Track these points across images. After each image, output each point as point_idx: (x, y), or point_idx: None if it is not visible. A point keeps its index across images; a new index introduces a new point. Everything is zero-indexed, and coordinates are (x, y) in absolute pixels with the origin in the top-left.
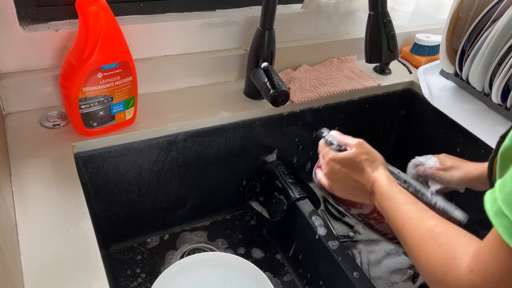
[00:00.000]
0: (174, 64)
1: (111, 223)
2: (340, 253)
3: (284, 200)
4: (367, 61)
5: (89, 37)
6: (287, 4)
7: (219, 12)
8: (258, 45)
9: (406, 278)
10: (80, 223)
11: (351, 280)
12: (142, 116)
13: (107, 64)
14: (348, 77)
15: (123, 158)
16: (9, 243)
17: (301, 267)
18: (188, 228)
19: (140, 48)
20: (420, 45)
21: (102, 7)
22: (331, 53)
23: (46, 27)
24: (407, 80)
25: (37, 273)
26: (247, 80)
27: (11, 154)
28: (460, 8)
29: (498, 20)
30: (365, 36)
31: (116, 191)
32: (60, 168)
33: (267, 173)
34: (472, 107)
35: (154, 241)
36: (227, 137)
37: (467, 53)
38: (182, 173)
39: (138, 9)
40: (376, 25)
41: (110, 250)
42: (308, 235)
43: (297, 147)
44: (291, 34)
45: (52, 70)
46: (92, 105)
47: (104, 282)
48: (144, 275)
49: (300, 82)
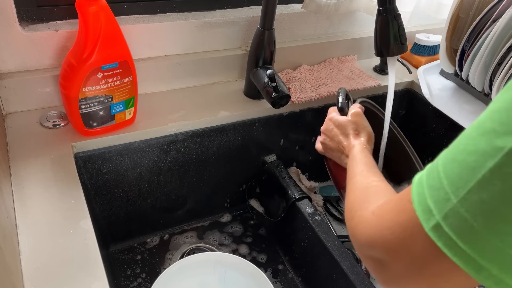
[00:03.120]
0: (174, 64)
1: (111, 223)
2: (340, 253)
3: (284, 200)
4: (377, 54)
5: (89, 37)
6: (287, 4)
7: (219, 12)
8: (258, 45)
9: None
10: (80, 223)
11: (351, 280)
12: (142, 116)
13: (107, 64)
14: (348, 77)
15: (123, 158)
16: (9, 243)
17: (301, 267)
18: (188, 228)
19: (140, 48)
20: (420, 45)
21: (102, 7)
22: (331, 53)
23: (46, 27)
24: (407, 80)
25: (37, 273)
26: (247, 80)
27: (11, 154)
28: (460, 8)
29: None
30: (374, 30)
31: (116, 191)
32: (60, 168)
33: (267, 173)
34: (472, 107)
35: (154, 241)
36: (227, 137)
37: (467, 53)
38: (182, 173)
39: (138, 9)
40: (386, 19)
41: (110, 250)
42: (308, 235)
43: (297, 147)
44: (291, 34)
45: (52, 70)
46: (92, 105)
47: (104, 282)
48: (144, 275)
49: (300, 82)
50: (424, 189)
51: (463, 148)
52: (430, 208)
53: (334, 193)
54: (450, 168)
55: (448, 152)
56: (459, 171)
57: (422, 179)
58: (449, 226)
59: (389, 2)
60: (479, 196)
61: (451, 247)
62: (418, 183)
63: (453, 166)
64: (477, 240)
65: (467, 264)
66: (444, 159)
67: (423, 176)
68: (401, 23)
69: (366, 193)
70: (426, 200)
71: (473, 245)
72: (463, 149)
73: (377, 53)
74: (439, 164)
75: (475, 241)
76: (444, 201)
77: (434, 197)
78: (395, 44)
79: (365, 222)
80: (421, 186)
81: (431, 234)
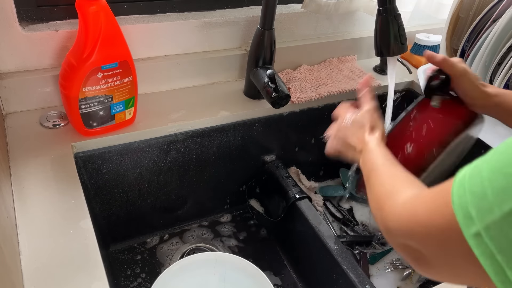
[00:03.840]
0: (174, 64)
1: (111, 223)
2: (340, 253)
3: (284, 200)
4: (377, 54)
5: (89, 37)
6: (287, 4)
7: (219, 12)
8: (258, 45)
9: (406, 278)
10: (80, 223)
11: (351, 280)
12: (142, 116)
13: (107, 64)
14: (348, 77)
15: (123, 158)
16: (9, 243)
17: (301, 267)
18: (188, 228)
19: (140, 48)
20: (420, 45)
21: (102, 7)
22: (331, 53)
23: (46, 27)
24: (407, 80)
25: (37, 273)
26: (247, 80)
27: (11, 154)
28: (460, 8)
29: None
30: (374, 30)
31: (116, 191)
32: (60, 168)
33: (267, 173)
34: None
35: (154, 241)
36: (227, 137)
37: (467, 53)
38: (182, 173)
39: (138, 9)
40: (386, 19)
41: (110, 250)
42: (308, 235)
43: (297, 147)
44: (291, 34)
45: (52, 70)
46: (92, 105)
47: (104, 282)
48: (144, 275)
49: (300, 82)
50: (467, 194)
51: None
52: (471, 215)
53: (334, 193)
54: (496, 179)
55: (494, 160)
56: (506, 184)
57: (464, 182)
58: (489, 237)
59: (389, 2)
60: None
61: (487, 257)
62: (459, 185)
63: (500, 177)
64: None
65: (497, 275)
66: (491, 167)
67: (466, 179)
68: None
69: (393, 182)
70: (468, 206)
71: (509, 261)
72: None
73: (377, 53)
74: (484, 170)
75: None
76: (487, 212)
77: (476, 205)
78: (395, 44)
79: (396, 214)
80: (463, 190)
81: (470, 242)
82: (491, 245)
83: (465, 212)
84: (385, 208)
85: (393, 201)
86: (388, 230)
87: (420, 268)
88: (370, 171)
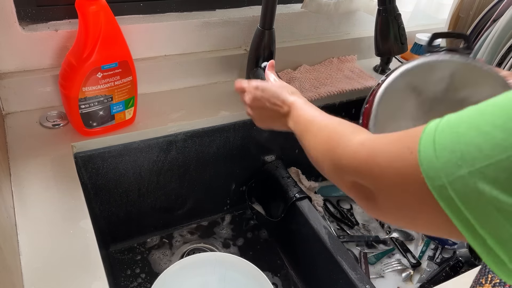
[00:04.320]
0: (174, 64)
1: (111, 223)
2: (340, 253)
3: (284, 200)
4: (377, 54)
5: (89, 37)
6: (287, 4)
7: (219, 12)
8: (258, 45)
9: (406, 278)
10: (80, 223)
11: (351, 280)
12: (142, 116)
13: (107, 64)
14: (348, 77)
15: (123, 158)
16: (9, 243)
17: (301, 267)
18: (188, 228)
19: (140, 48)
20: (420, 45)
21: (102, 6)
22: (331, 53)
23: (46, 27)
24: None
25: (37, 273)
26: None
27: (11, 154)
28: (460, 8)
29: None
30: (375, 30)
31: (116, 191)
32: (60, 168)
33: (267, 173)
34: None
35: (154, 241)
36: (227, 137)
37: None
38: (182, 173)
39: (138, 9)
40: (386, 19)
41: (110, 250)
42: (308, 235)
43: (297, 147)
44: (291, 34)
45: (52, 70)
46: (92, 105)
47: (104, 282)
48: (144, 275)
49: (300, 82)
50: (436, 146)
51: (491, 120)
52: (436, 167)
53: (334, 193)
54: (471, 136)
55: (472, 116)
56: (481, 142)
57: (433, 133)
58: (455, 191)
59: (389, 2)
60: (495, 174)
61: (453, 210)
62: (427, 135)
63: (476, 135)
64: (482, 212)
65: (465, 228)
66: (467, 123)
67: (436, 130)
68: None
69: (342, 126)
70: (434, 158)
71: (476, 215)
72: (491, 121)
73: (377, 53)
74: (459, 126)
75: (479, 212)
76: (455, 166)
77: (444, 158)
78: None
79: (351, 151)
80: (431, 141)
81: (434, 193)
82: (457, 200)
83: (430, 163)
84: (339, 146)
85: (349, 140)
86: (339, 167)
87: (368, 207)
88: (306, 125)
